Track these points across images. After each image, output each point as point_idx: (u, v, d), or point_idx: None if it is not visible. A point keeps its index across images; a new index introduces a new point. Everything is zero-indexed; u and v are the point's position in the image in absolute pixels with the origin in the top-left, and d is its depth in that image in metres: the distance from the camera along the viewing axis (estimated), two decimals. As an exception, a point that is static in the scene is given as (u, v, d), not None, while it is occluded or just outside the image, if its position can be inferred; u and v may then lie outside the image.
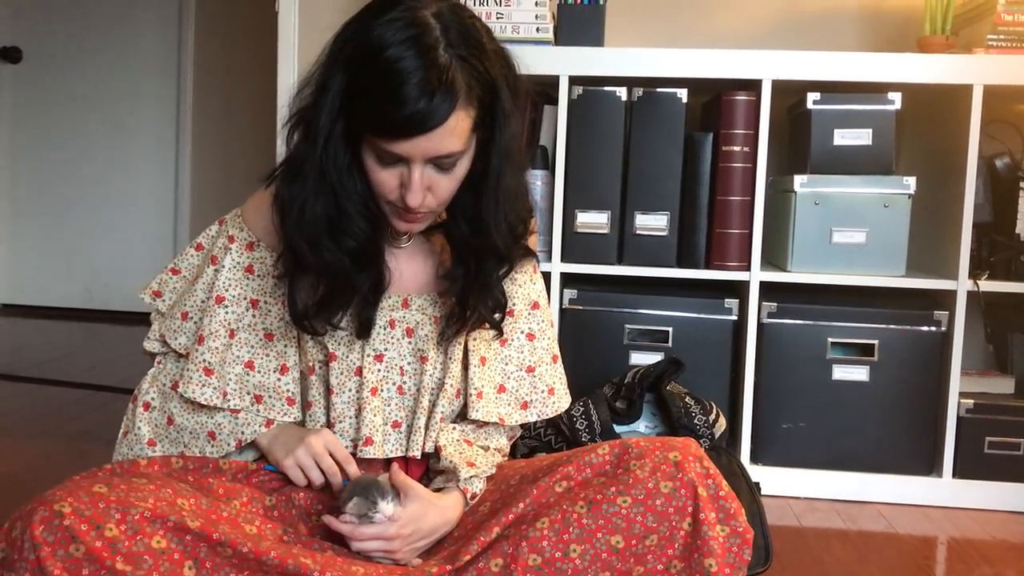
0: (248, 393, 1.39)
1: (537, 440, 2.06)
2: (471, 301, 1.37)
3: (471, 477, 1.36)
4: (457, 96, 1.19)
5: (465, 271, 1.37)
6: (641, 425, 2.08)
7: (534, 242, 1.51)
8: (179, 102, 4.57)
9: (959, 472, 2.24)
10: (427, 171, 1.24)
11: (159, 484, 1.19)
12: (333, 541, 1.29)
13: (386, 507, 1.25)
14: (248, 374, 1.40)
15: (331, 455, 1.34)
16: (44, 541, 1.07)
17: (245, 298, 1.40)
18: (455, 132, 1.21)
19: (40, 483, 1.16)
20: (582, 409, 2.00)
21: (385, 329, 1.40)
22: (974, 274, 2.22)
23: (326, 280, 1.32)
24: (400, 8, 1.21)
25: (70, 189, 4.66)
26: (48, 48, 4.59)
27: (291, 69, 2.59)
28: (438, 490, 1.36)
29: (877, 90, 2.24)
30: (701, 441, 1.96)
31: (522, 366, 1.48)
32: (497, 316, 1.41)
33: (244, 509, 1.28)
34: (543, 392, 1.49)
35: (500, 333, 1.44)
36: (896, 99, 2.23)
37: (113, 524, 1.10)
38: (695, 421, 1.99)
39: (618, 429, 2.02)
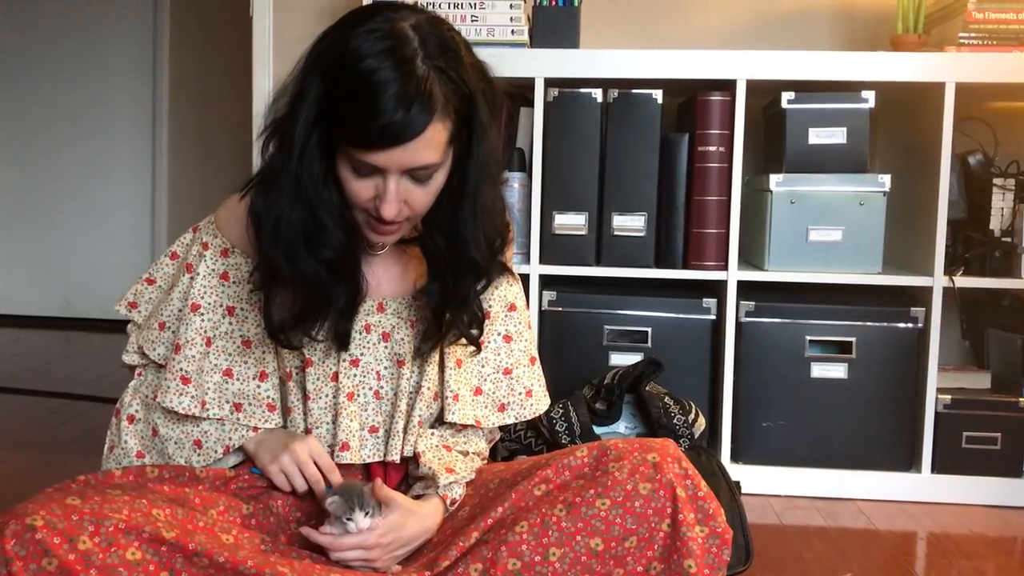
0: (227, 401, 1.39)
1: (517, 443, 2.05)
2: (448, 316, 1.37)
3: (450, 483, 1.36)
4: (434, 108, 1.18)
5: (441, 286, 1.36)
6: (621, 426, 2.08)
7: (510, 255, 1.51)
8: (155, 109, 4.54)
9: (937, 467, 2.25)
10: (403, 183, 1.23)
11: (134, 495, 1.18)
12: (312, 550, 1.28)
13: (361, 519, 1.25)
14: (227, 382, 1.39)
15: (316, 463, 1.34)
16: (16, 555, 1.06)
17: (221, 305, 1.39)
18: (431, 144, 1.20)
19: (17, 495, 1.15)
20: (562, 411, 2.00)
21: (361, 334, 1.39)
22: (949, 270, 2.24)
23: (303, 292, 1.31)
24: (378, 19, 1.21)
25: (46, 198, 4.62)
26: (21, 56, 4.56)
27: (266, 76, 2.58)
28: (417, 497, 1.36)
29: (851, 89, 2.25)
30: (681, 441, 1.96)
31: (499, 368, 1.48)
32: (475, 332, 1.41)
33: (221, 518, 1.27)
34: (520, 394, 1.49)
35: (478, 349, 1.44)
36: (870, 97, 2.24)
37: (86, 536, 1.09)
38: (675, 421, 1.99)
39: (598, 430, 2.02)
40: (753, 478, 2.25)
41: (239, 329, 1.40)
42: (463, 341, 1.43)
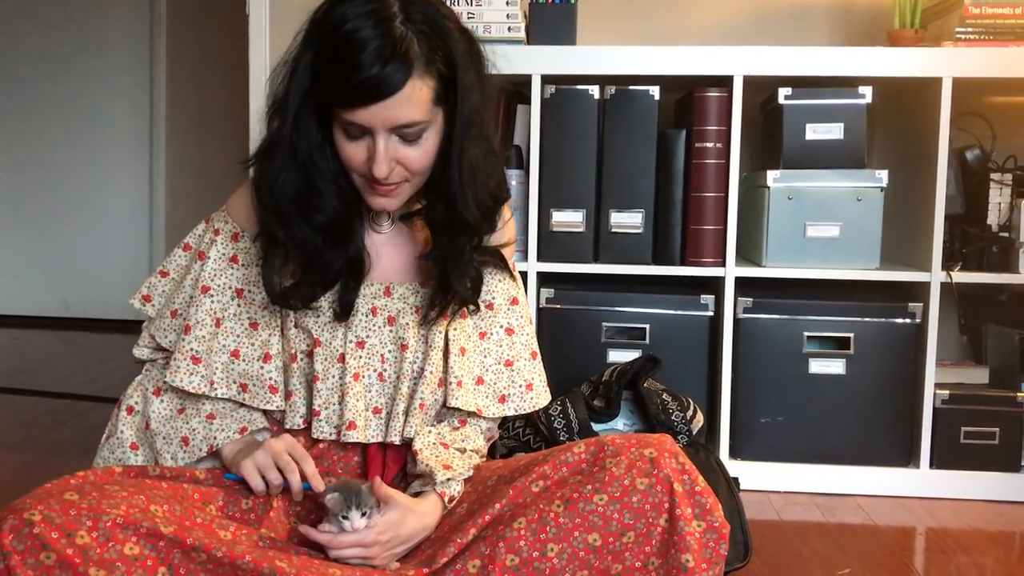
0: (234, 382, 1.41)
1: (516, 440, 2.06)
2: (450, 279, 1.40)
3: (448, 480, 1.36)
4: (411, 65, 1.23)
5: (440, 249, 1.40)
6: (619, 423, 2.08)
7: (511, 252, 1.53)
8: (152, 110, 4.54)
9: (936, 463, 2.26)
10: (392, 143, 1.28)
11: (132, 491, 1.18)
12: (310, 547, 1.28)
13: (356, 519, 1.25)
14: (233, 362, 1.41)
15: (289, 453, 1.34)
16: (14, 550, 1.07)
17: (230, 287, 1.42)
18: (412, 101, 1.24)
19: (15, 495, 1.15)
20: (560, 408, 2.00)
21: (367, 316, 1.42)
22: (947, 265, 2.24)
23: (299, 257, 1.36)
24: None
25: (45, 199, 4.62)
26: (19, 59, 4.56)
27: (263, 71, 2.58)
28: (416, 494, 1.36)
29: (848, 84, 2.25)
30: (679, 438, 1.96)
31: (500, 359, 1.50)
32: (471, 291, 1.44)
33: (219, 513, 1.28)
34: (521, 387, 1.50)
35: (477, 308, 1.46)
36: (867, 93, 2.24)
37: (84, 531, 1.09)
38: (673, 418, 1.99)
39: (596, 427, 2.02)
40: (752, 474, 2.25)
41: (247, 311, 1.43)
42: (467, 328, 1.45)
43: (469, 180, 1.35)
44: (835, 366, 2.26)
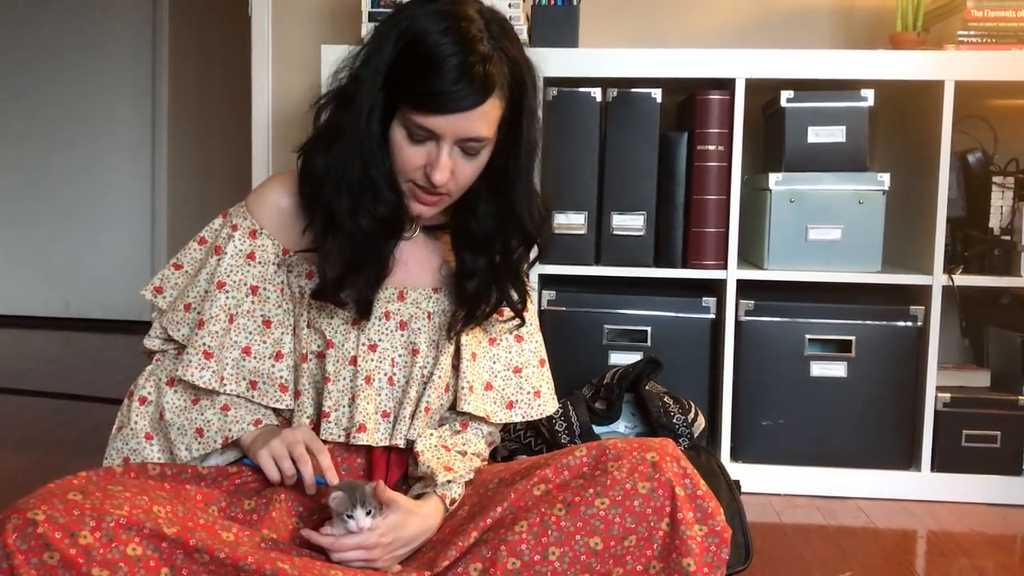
0: (244, 378, 1.41)
1: (517, 442, 2.06)
2: (494, 290, 1.43)
3: (448, 482, 1.36)
4: (494, 83, 1.27)
5: (488, 262, 1.42)
6: (621, 425, 2.09)
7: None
8: (154, 112, 4.54)
9: (937, 466, 2.25)
10: (454, 153, 1.31)
11: (135, 491, 1.18)
12: (312, 550, 1.28)
13: (361, 517, 1.25)
14: (245, 359, 1.42)
15: (306, 446, 1.34)
16: (17, 549, 1.07)
17: (245, 284, 1.42)
18: (487, 118, 1.29)
19: (17, 495, 1.15)
20: (561, 411, 2.00)
21: (380, 320, 1.43)
22: (949, 268, 2.24)
23: (357, 245, 1.36)
24: (446, 1, 1.30)
25: (47, 199, 4.62)
26: (18, 53, 4.56)
27: (265, 72, 2.58)
28: (418, 496, 1.36)
29: (850, 87, 2.25)
30: (680, 440, 1.96)
31: (509, 366, 1.51)
32: (519, 303, 1.47)
33: (222, 514, 1.28)
34: (529, 393, 1.51)
35: (523, 321, 1.49)
36: (869, 96, 2.24)
37: (88, 531, 1.09)
38: (674, 420, 1.99)
39: (597, 430, 2.02)
40: (753, 477, 2.25)
41: (260, 308, 1.43)
42: (477, 334, 1.47)
43: (534, 199, 1.41)
44: (837, 369, 2.26)
